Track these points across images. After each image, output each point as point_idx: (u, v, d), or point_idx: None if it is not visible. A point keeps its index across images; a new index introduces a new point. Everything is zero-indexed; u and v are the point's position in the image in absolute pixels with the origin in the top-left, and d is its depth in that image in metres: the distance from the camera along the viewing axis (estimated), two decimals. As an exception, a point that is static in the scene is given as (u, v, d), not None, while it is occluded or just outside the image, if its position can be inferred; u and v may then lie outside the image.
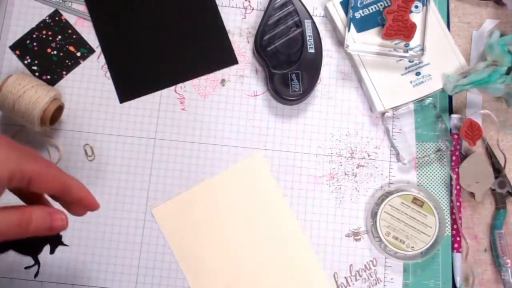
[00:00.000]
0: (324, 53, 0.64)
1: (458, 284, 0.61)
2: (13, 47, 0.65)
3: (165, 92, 0.65)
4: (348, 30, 0.62)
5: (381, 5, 0.63)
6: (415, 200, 0.61)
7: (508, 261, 0.61)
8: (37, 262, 0.61)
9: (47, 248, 0.61)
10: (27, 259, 0.61)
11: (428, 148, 0.64)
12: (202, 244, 0.61)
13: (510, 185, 0.63)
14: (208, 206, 0.62)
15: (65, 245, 0.61)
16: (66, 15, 0.66)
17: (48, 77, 0.64)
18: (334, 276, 0.61)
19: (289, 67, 0.62)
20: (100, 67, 0.65)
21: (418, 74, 0.62)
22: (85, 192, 0.46)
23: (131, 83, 0.65)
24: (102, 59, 0.65)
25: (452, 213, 0.62)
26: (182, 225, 0.61)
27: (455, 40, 0.64)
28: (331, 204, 0.63)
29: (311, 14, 0.65)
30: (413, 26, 0.61)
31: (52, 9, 0.66)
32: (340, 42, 0.66)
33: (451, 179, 0.63)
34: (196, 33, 0.65)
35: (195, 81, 0.65)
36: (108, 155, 0.63)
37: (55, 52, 0.65)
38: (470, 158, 0.63)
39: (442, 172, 0.64)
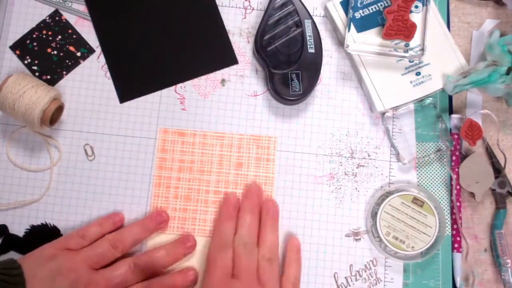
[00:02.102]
0: (324, 53, 0.64)
1: (458, 284, 0.61)
2: (13, 47, 0.65)
3: (165, 92, 0.65)
4: (348, 30, 0.62)
5: (381, 5, 0.63)
6: (415, 200, 0.61)
7: (508, 261, 0.61)
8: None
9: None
10: (27, 259, 0.61)
11: (428, 148, 0.64)
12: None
13: (510, 185, 0.63)
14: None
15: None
16: (66, 15, 0.66)
17: (48, 77, 0.64)
18: (334, 276, 0.61)
19: (289, 67, 0.62)
20: (100, 67, 0.65)
21: (418, 74, 0.62)
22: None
23: (131, 83, 0.65)
24: (102, 59, 0.65)
25: (452, 213, 0.62)
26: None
27: (455, 40, 0.64)
28: (331, 204, 0.63)
29: (311, 14, 0.65)
30: (413, 26, 0.61)
31: (52, 9, 0.66)
32: (340, 42, 0.66)
33: (451, 179, 0.63)
34: (196, 33, 0.65)
35: (195, 81, 0.65)
36: (108, 155, 0.63)
37: (55, 52, 0.65)
38: (470, 158, 0.63)
39: (442, 172, 0.64)
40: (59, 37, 0.65)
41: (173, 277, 0.58)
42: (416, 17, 0.62)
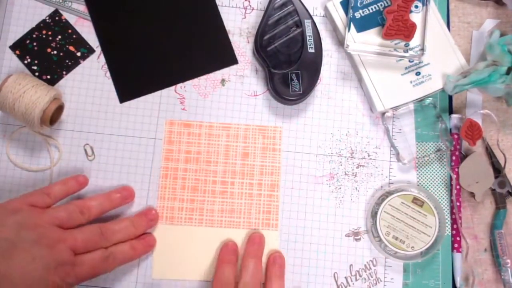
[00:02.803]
0: (324, 53, 0.64)
1: (458, 284, 0.61)
2: (13, 47, 0.65)
3: (165, 92, 0.65)
4: (348, 30, 0.62)
5: (381, 5, 0.63)
6: (415, 200, 0.61)
7: (508, 261, 0.61)
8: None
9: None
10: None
11: (428, 148, 0.64)
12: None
13: (510, 185, 0.63)
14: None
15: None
16: (66, 15, 0.66)
17: (48, 77, 0.64)
18: (334, 276, 0.61)
19: (289, 67, 0.62)
20: (100, 67, 0.65)
21: (418, 74, 0.62)
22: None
23: (131, 83, 0.65)
24: (102, 59, 0.65)
25: (452, 213, 0.62)
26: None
27: (455, 40, 0.64)
28: (331, 204, 0.63)
29: (311, 14, 0.65)
30: (413, 26, 0.61)
31: (52, 9, 0.66)
32: (340, 42, 0.66)
33: (451, 179, 0.63)
34: (196, 33, 0.65)
35: (195, 81, 0.65)
36: (108, 155, 0.63)
37: (55, 52, 0.65)
38: (470, 158, 0.63)
39: (442, 172, 0.64)
40: (59, 37, 0.65)
41: (133, 244, 0.58)
42: (416, 17, 0.62)
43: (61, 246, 0.52)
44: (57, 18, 0.65)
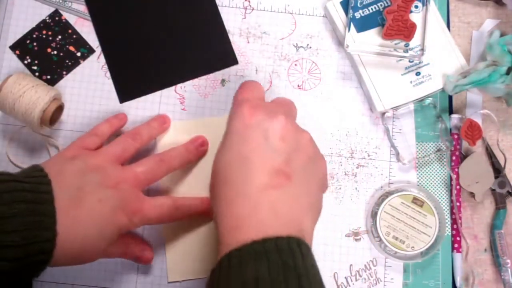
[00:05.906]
0: (324, 53, 0.64)
1: (458, 284, 0.61)
2: (13, 47, 0.65)
3: (165, 92, 0.65)
4: (348, 30, 0.62)
5: (381, 5, 0.63)
6: (415, 200, 0.61)
7: (508, 261, 0.61)
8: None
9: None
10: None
11: (428, 148, 0.64)
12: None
13: (510, 185, 0.63)
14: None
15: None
16: (66, 15, 0.66)
17: (48, 77, 0.64)
18: (334, 276, 0.61)
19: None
20: (100, 67, 0.65)
21: (418, 74, 0.62)
22: None
23: (131, 83, 0.65)
24: (102, 59, 0.65)
25: (452, 213, 0.62)
26: None
27: (455, 40, 0.64)
28: (331, 204, 0.63)
29: (311, 14, 0.65)
30: (413, 26, 0.61)
31: (52, 9, 0.66)
32: (340, 42, 0.66)
33: (451, 179, 0.63)
34: (196, 33, 0.65)
35: (195, 81, 0.65)
36: (108, 155, 0.63)
37: (55, 52, 0.65)
38: (470, 158, 0.63)
39: (442, 172, 0.64)
40: (59, 37, 0.65)
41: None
42: (416, 17, 0.62)
43: (124, 185, 0.53)
44: (57, 18, 0.65)
